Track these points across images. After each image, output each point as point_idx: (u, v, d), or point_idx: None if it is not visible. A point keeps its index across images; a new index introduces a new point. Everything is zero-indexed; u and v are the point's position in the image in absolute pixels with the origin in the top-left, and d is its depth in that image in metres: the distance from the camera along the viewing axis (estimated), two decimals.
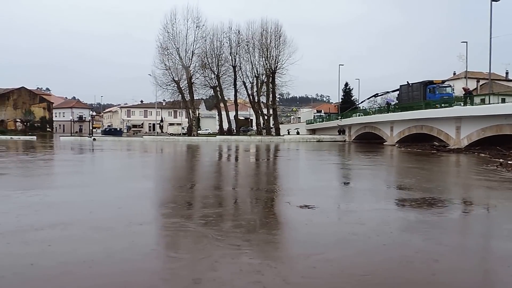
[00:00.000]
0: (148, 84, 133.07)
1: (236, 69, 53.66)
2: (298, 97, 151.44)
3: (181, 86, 52.15)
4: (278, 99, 63.79)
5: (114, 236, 5.65)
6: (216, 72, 52.96)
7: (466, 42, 41.91)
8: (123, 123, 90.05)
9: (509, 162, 16.91)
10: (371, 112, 45.68)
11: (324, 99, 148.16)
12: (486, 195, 9.91)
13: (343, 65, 58.28)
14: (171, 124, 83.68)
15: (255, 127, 59.48)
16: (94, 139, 48.97)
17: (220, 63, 53.01)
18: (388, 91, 48.73)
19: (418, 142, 32.33)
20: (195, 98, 55.73)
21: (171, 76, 51.83)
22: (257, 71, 53.43)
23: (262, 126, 55.15)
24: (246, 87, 54.90)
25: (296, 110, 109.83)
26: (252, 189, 10.73)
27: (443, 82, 38.13)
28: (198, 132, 58.19)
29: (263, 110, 55.64)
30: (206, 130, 70.37)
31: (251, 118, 68.21)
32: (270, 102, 54.13)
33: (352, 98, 70.30)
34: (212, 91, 56.01)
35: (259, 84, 53.97)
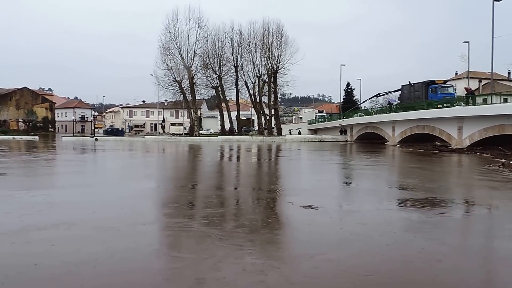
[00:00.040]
0: (150, 84, 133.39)
1: (238, 69, 53.73)
2: (300, 97, 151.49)
3: (183, 86, 52.21)
4: (280, 99, 63.70)
5: (118, 236, 5.66)
6: (217, 72, 53.02)
7: (468, 42, 41.92)
8: (125, 123, 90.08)
9: (511, 162, 16.87)
10: (373, 112, 45.69)
11: (326, 99, 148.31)
12: (489, 195, 9.89)
13: (344, 65, 58.56)
14: (173, 124, 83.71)
15: (256, 127, 59.48)
16: (96, 139, 49.05)
17: (222, 63, 53.08)
18: (390, 91, 48.74)
19: (420, 142, 32.28)
20: (197, 98, 55.80)
21: (173, 76, 51.97)
22: (258, 71, 53.53)
23: (264, 126, 55.14)
24: (247, 87, 54.95)
25: (297, 110, 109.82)
26: (254, 189, 10.73)
27: (445, 82, 38.10)
28: (200, 132, 58.20)
29: (265, 110, 55.64)
30: (208, 130, 70.33)
31: (252, 118, 68.22)
32: (272, 102, 54.14)
33: (354, 98, 70.26)
34: (214, 91, 56.03)
35: (261, 84, 53.98)
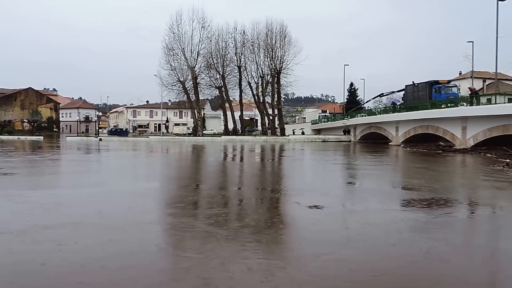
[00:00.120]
0: (154, 84, 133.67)
1: (241, 69, 53.68)
2: (303, 97, 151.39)
3: (186, 87, 52.26)
4: (283, 99, 63.72)
5: (124, 235, 5.70)
6: (221, 73, 53.02)
7: (472, 42, 41.65)
8: (129, 123, 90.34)
9: None
10: (377, 112, 45.57)
11: (329, 99, 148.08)
12: (494, 195, 9.86)
13: (348, 65, 58.40)
14: (176, 124, 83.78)
15: (260, 127, 59.46)
16: (100, 139, 49.17)
17: (225, 64, 53.06)
18: (393, 91, 48.64)
19: (424, 142, 32.19)
20: (200, 99, 55.82)
21: (177, 77, 51.99)
22: (262, 71, 53.46)
23: (267, 126, 55.10)
24: (251, 87, 54.92)
25: (301, 110, 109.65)
26: (259, 189, 10.76)
27: (449, 82, 37.98)
28: (204, 132, 58.26)
29: (268, 110, 55.63)
30: (211, 130, 70.39)
31: (256, 118, 68.16)
32: (275, 102, 54.11)
33: (357, 98, 70.06)
34: (217, 92, 56.02)
35: (264, 84, 53.96)
